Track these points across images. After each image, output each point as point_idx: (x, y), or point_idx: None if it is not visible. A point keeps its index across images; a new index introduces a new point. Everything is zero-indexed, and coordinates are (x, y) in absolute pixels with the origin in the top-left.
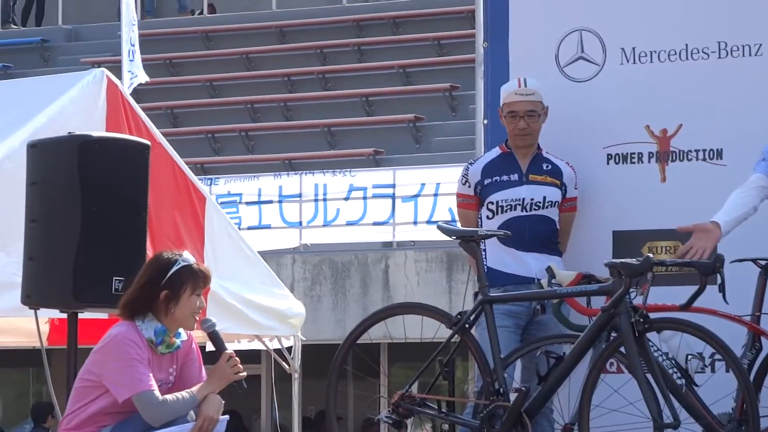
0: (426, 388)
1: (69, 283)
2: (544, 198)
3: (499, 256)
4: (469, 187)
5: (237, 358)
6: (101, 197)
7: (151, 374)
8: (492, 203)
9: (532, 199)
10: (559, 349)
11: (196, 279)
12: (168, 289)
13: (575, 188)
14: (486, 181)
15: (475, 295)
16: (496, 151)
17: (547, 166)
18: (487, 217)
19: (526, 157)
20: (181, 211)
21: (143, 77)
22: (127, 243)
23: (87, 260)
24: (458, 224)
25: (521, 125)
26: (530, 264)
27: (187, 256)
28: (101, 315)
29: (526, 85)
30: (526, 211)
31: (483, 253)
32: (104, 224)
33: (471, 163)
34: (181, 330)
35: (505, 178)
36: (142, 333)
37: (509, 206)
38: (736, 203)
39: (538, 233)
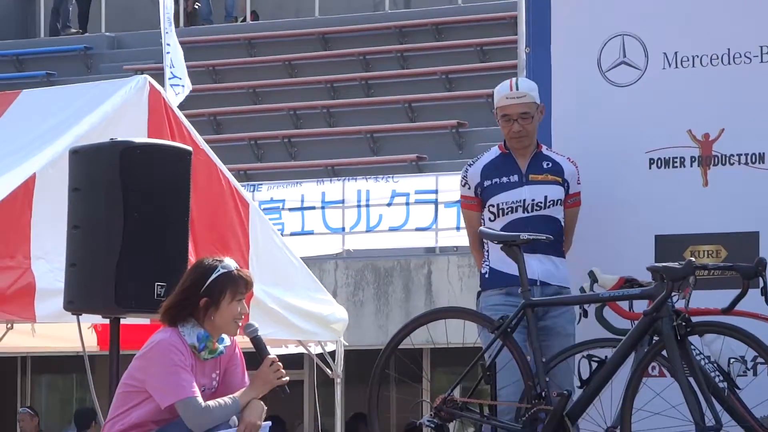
0: (468, 392)
1: (111, 289)
2: (546, 198)
3: (502, 258)
4: (469, 189)
5: (279, 363)
6: (143, 203)
7: (194, 380)
8: (493, 206)
9: (533, 200)
10: (601, 353)
11: (237, 285)
12: (208, 296)
13: (578, 183)
14: (486, 183)
15: (478, 294)
16: (495, 152)
17: (547, 164)
18: (489, 220)
19: (525, 156)
20: (225, 216)
21: (187, 86)
22: (170, 249)
23: (129, 266)
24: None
25: (515, 128)
26: (533, 266)
27: (228, 263)
28: (143, 320)
29: (517, 88)
30: (528, 212)
31: (486, 254)
32: (146, 230)
33: (470, 165)
34: (224, 335)
35: (504, 179)
36: (185, 339)
37: (510, 208)
38: None
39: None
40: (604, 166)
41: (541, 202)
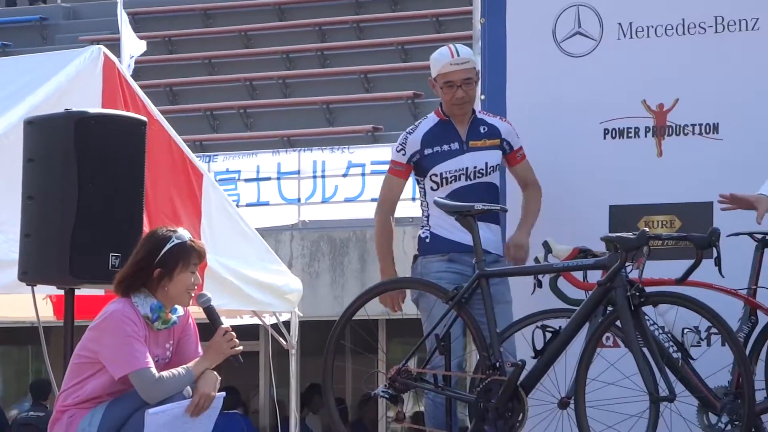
0: (423, 363)
1: (66, 260)
2: (486, 164)
3: (442, 223)
4: (404, 155)
5: (233, 333)
6: (98, 174)
7: (147, 351)
8: (436, 175)
9: (475, 167)
10: (555, 324)
11: (190, 256)
12: (161, 266)
13: (517, 137)
14: (426, 151)
15: (414, 258)
16: (433, 118)
17: (484, 129)
18: (432, 189)
19: (464, 123)
20: (178, 187)
21: (140, 48)
22: (124, 219)
23: (83, 237)
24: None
25: (459, 94)
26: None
27: (182, 233)
28: (98, 291)
29: (459, 54)
30: (470, 180)
31: (426, 219)
32: (101, 201)
33: (410, 132)
34: (177, 305)
35: (446, 147)
36: (138, 309)
37: (453, 177)
38: None
39: (483, 202)
40: (558, 137)
41: (482, 169)
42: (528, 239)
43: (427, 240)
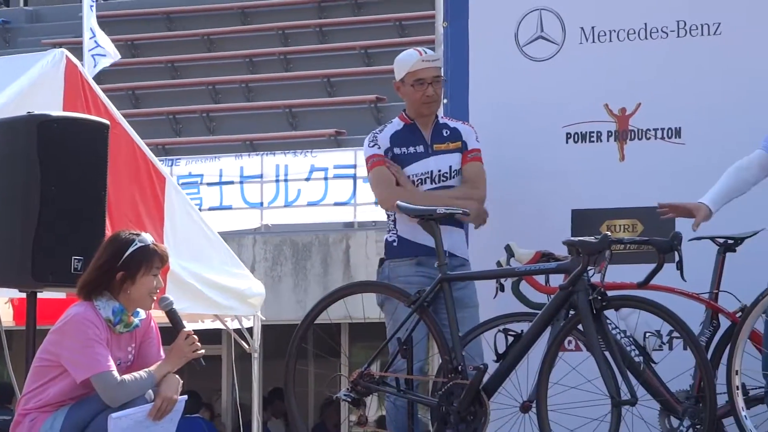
0: (386, 366)
1: (28, 263)
2: (450, 168)
3: (410, 227)
4: (380, 149)
5: (195, 336)
6: (60, 177)
7: (109, 354)
8: None
9: (439, 171)
10: (517, 327)
11: (152, 259)
12: (124, 270)
13: (476, 141)
14: (396, 151)
15: (380, 262)
16: (398, 122)
17: (447, 132)
18: None
19: (428, 126)
20: (140, 191)
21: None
22: (86, 222)
23: (46, 240)
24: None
25: (429, 92)
26: (445, 236)
27: (145, 237)
28: (60, 295)
29: (427, 53)
30: (435, 183)
31: (393, 223)
32: (63, 204)
33: (378, 132)
34: (139, 309)
35: (412, 150)
36: (100, 312)
37: (420, 180)
38: (731, 186)
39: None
40: (521, 141)
41: (446, 173)
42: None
43: (395, 244)
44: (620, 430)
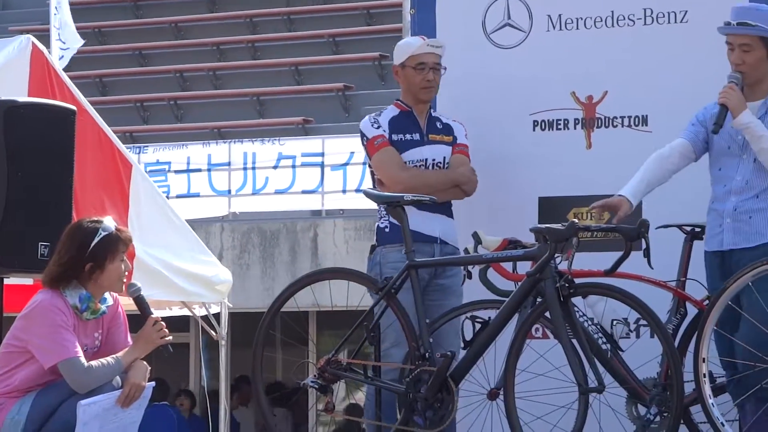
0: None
1: None
2: (444, 158)
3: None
4: (383, 130)
5: (163, 323)
6: (27, 162)
7: (76, 340)
8: None
9: (434, 160)
10: (484, 314)
11: (117, 246)
12: (92, 261)
13: (465, 137)
14: (394, 137)
15: (372, 249)
16: (393, 109)
17: (440, 125)
18: None
19: (423, 115)
20: (106, 178)
21: (74, 47)
22: (53, 208)
23: (12, 226)
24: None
25: (429, 77)
26: (434, 224)
27: (107, 223)
28: (26, 281)
29: (430, 40)
30: (441, 170)
31: (384, 210)
32: (30, 190)
33: (377, 115)
34: (106, 295)
35: (408, 136)
36: (67, 299)
37: (414, 167)
38: (652, 177)
39: None
40: (488, 128)
41: (440, 163)
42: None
43: (387, 230)
44: (587, 417)
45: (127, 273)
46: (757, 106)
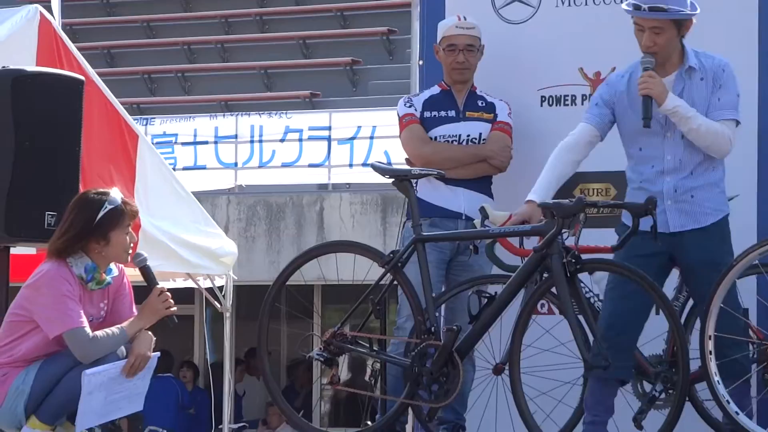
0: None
1: (1, 218)
2: (480, 135)
3: (428, 189)
4: (415, 110)
5: (168, 293)
6: (34, 132)
7: (81, 310)
8: (431, 138)
9: (468, 135)
10: (491, 289)
11: (123, 218)
12: (97, 232)
13: (508, 116)
14: (426, 115)
15: (402, 225)
16: (435, 89)
17: (482, 103)
18: None
19: (462, 93)
20: (112, 149)
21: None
22: (60, 178)
23: (19, 195)
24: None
25: (460, 59)
26: (459, 199)
27: (114, 196)
28: (30, 250)
29: (465, 20)
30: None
31: (415, 184)
32: (37, 159)
33: (414, 95)
34: (112, 266)
35: (443, 113)
36: (73, 269)
37: (446, 142)
38: (558, 174)
39: None
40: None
41: (475, 138)
42: None
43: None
44: None
45: (132, 245)
46: (671, 82)
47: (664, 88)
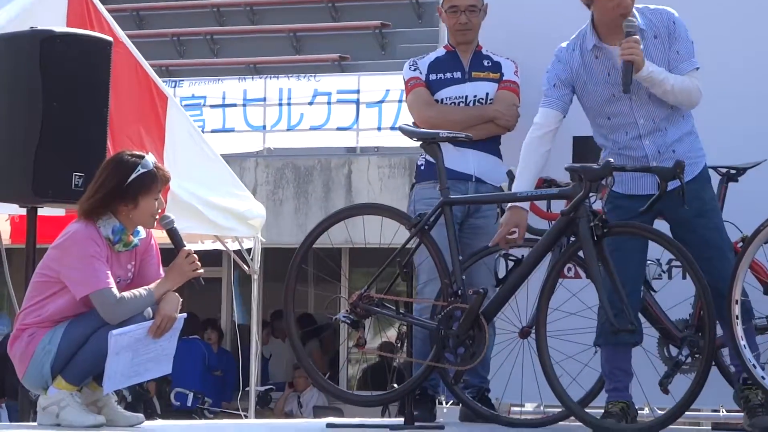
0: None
1: (29, 178)
2: (487, 95)
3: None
4: (420, 73)
5: (195, 255)
6: (63, 93)
7: (109, 272)
8: (437, 100)
9: (475, 96)
10: (518, 253)
11: (155, 183)
12: (127, 194)
13: (514, 74)
14: (431, 77)
15: (412, 186)
16: (441, 51)
17: (488, 63)
18: None
19: (467, 54)
20: (142, 110)
21: None
22: (88, 139)
23: (47, 156)
24: (414, 112)
25: (462, 20)
26: (470, 161)
27: (147, 160)
28: (59, 212)
29: None
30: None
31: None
32: (65, 120)
33: (419, 58)
34: (139, 228)
35: (449, 75)
36: (101, 230)
37: (453, 103)
38: (535, 170)
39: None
40: (523, 66)
41: (482, 99)
42: None
43: (422, 167)
44: None
45: (159, 211)
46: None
47: (642, 54)
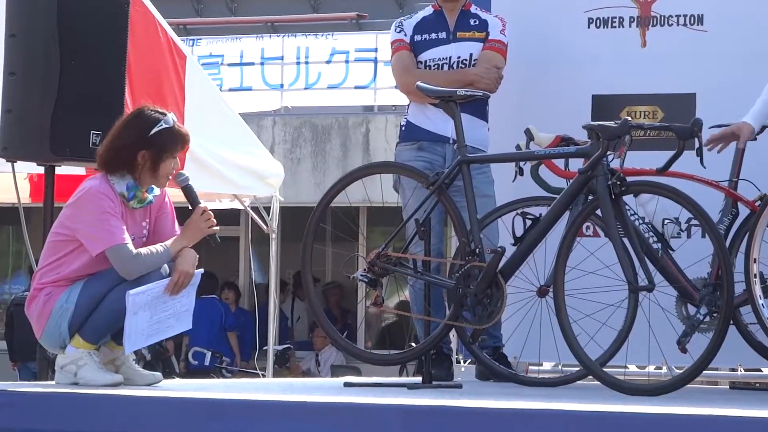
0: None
1: (47, 136)
2: (471, 55)
3: (421, 111)
4: (405, 35)
5: (210, 212)
6: (80, 51)
7: (124, 228)
8: (421, 62)
9: (459, 57)
10: (535, 211)
11: (175, 142)
12: (146, 149)
13: (501, 33)
14: (416, 38)
15: (396, 145)
16: (428, 10)
17: (474, 22)
18: None
19: (454, 13)
20: (162, 68)
21: None
22: (106, 98)
23: (65, 114)
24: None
25: None
26: (448, 122)
27: (169, 117)
28: (78, 170)
29: None
30: (453, 69)
31: (407, 108)
32: (83, 78)
33: (405, 18)
34: (153, 185)
35: (434, 36)
36: (115, 187)
37: (437, 65)
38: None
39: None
40: (542, 25)
41: (466, 59)
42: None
43: (403, 128)
44: (637, 315)
45: (174, 170)
46: None
47: None
